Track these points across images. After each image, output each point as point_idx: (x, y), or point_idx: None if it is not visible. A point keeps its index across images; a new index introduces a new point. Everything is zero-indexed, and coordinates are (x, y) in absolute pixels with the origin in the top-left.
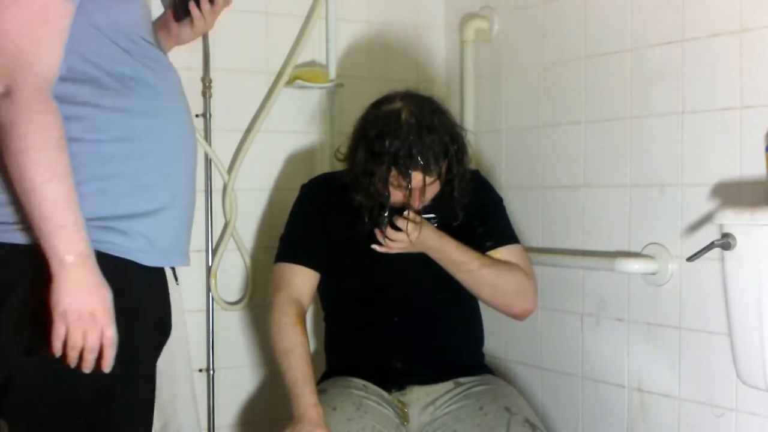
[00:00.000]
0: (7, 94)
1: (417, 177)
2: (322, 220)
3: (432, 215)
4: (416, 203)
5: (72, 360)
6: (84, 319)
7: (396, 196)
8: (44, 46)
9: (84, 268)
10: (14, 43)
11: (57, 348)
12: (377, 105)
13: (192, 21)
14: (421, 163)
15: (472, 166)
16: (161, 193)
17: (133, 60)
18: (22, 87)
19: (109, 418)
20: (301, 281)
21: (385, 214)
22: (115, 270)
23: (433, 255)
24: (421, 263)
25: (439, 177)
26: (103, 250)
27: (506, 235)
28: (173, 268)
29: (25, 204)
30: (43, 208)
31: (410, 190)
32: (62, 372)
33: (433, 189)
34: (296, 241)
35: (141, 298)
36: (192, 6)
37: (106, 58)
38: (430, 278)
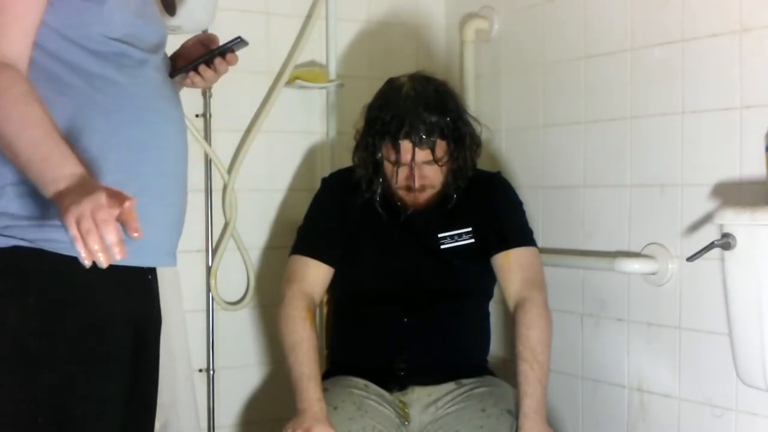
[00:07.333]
0: None
1: (406, 148)
2: (341, 215)
3: (468, 229)
4: (411, 180)
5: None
6: (92, 205)
7: (391, 171)
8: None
9: (80, 180)
10: None
11: (77, 239)
12: (388, 81)
13: (185, 80)
14: (410, 133)
15: (490, 167)
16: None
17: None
18: None
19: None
20: (315, 275)
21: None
22: (62, 267)
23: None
24: (434, 266)
25: (434, 157)
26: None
27: (522, 236)
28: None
29: (14, 161)
30: (24, 154)
31: (400, 163)
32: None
33: (432, 171)
34: (314, 234)
35: (101, 300)
36: (193, 74)
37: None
38: (442, 282)
